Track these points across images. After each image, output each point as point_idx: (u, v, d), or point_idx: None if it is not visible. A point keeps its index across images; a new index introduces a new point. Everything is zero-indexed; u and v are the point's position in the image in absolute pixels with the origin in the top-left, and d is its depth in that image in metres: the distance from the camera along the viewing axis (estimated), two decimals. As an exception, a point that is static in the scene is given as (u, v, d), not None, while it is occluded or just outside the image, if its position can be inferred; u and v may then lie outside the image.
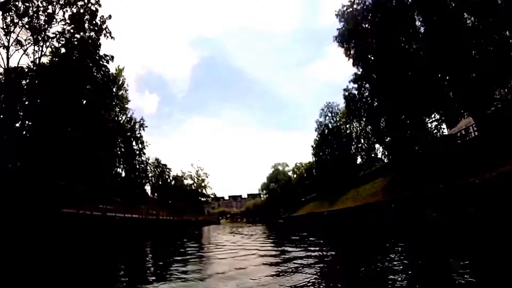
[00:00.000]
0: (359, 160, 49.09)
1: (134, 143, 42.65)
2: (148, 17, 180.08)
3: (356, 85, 31.42)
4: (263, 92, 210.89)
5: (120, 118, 41.61)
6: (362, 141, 48.74)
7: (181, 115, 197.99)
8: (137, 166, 56.18)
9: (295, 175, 75.99)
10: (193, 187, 78.66)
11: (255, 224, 62.88)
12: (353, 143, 49.14)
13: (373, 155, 46.96)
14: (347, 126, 49.18)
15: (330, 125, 50.03)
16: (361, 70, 31.16)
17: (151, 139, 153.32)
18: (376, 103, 30.69)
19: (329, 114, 50.27)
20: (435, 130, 27.46)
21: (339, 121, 49.88)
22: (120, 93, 41.06)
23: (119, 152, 41.48)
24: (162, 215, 41.60)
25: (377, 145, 48.11)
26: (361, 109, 31.62)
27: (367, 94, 31.51)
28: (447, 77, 25.01)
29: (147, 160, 62.33)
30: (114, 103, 39.43)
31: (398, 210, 20.35)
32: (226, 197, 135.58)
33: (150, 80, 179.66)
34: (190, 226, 49.52)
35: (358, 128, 49.04)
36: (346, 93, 32.49)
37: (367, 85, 30.97)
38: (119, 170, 50.76)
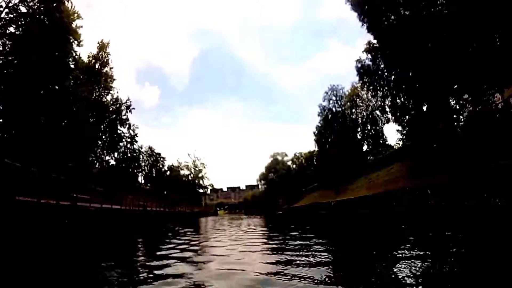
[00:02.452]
0: (365, 147, 44.09)
1: (119, 126, 37.16)
2: (149, 11, 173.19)
3: (370, 55, 26.14)
4: (263, 84, 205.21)
5: (104, 99, 36.18)
6: (369, 126, 43.61)
7: (181, 107, 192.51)
8: (129, 154, 51.09)
9: (294, 165, 70.82)
10: (190, 178, 73.42)
11: (253, 216, 58.00)
12: (359, 129, 43.99)
13: (381, 141, 41.96)
14: (353, 110, 43.94)
15: (334, 109, 44.73)
16: (376, 37, 25.92)
17: (151, 131, 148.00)
18: (393, 76, 25.53)
19: (333, 98, 44.97)
20: (466, 106, 22.33)
21: (344, 105, 44.59)
22: (104, 70, 35.63)
23: (102, 136, 36.17)
24: (151, 206, 36.52)
25: (385, 131, 43.20)
26: (375, 82, 26.35)
27: (382, 66, 26.26)
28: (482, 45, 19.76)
29: (140, 148, 57.08)
30: (96, 79, 34.12)
31: (436, 196, 15.30)
32: (225, 189, 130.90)
33: (150, 73, 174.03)
34: (182, 218, 44.47)
35: (365, 113, 43.92)
36: (359, 65, 27.20)
37: (383, 56, 25.67)
38: (107, 158, 45.93)
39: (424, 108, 24.92)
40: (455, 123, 21.97)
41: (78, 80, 32.95)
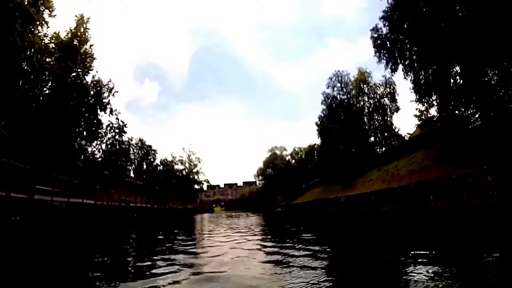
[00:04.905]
0: (372, 138, 39.45)
1: (100, 111, 32.09)
2: (147, 7, 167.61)
3: (387, 23, 21.49)
4: (262, 82, 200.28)
5: (84, 81, 31.24)
6: (377, 116, 39.00)
7: (179, 104, 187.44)
8: (117, 146, 46.29)
9: (293, 160, 66.12)
10: (184, 173, 68.50)
11: (250, 214, 53.45)
12: (366, 118, 39.34)
13: (391, 131, 37.44)
14: (359, 98, 39.30)
15: (339, 97, 40.06)
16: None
17: (149, 128, 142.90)
18: (415, 47, 20.92)
19: (338, 85, 40.25)
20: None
21: (350, 93, 39.94)
22: (83, 48, 30.76)
23: (82, 123, 31.32)
24: (135, 201, 31.88)
25: (394, 121, 38.68)
26: (395, 53, 21.58)
27: (402, 37, 21.63)
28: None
29: (129, 140, 52.15)
30: (74, 56, 29.28)
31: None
32: (222, 185, 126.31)
33: (149, 70, 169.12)
34: (172, 215, 39.91)
35: (372, 101, 39.33)
36: (375, 35, 22.40)
37: (402, 23, 21.01)
38: (93, 150, 41.35)
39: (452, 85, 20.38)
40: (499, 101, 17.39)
41: (52, 57, 28.32)
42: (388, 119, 38.50)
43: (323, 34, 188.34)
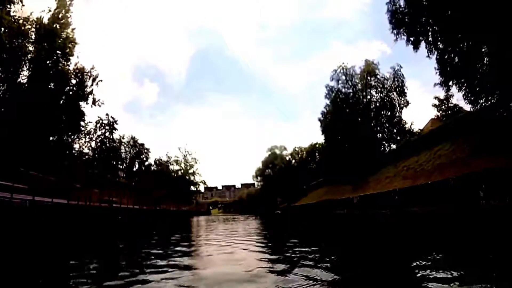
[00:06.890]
0: (379, 134, 36.35)
1: (81, 101, 28.68)
2: (146, 8, 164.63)
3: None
4: (261, 82, 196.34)
5: (66, 68, 27.91)
6: (385, 111, 35.90)
7: (178, 105, 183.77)
8: (107, 144, 43.14)
9: (294, 160, 62.81)
10: (180, 173, 65.18)
11: (248, 217, 50.18)
12: (372, 113, 36.27)
13: (402, 127, 34.43)
14: (366, 91, 36.26)
15: (344, 90, 37.00)
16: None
17: (149, 129, 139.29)
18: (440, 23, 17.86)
19: (343, 78, 37.21)
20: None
21: (355, 86, 36.89)
22: (64, 33, 27.58)
23: (62, 115, 28.00)
24: (121, 202, 28.42)
25: (404, 116, 35.68)
26: (415, 28, 18.46)
27: (426, 13, 18.53)
28: None
29: (121, 138, 48.74)
30: (52, 39, 26.12)
31: None
32: (220, 187, 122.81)
33: (148, 71, 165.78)
34: (163, 219, 36.55)
35: (380, 95, 36.30)
36: (393, 8, 19.26)
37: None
38: (81, 147, 38.35)
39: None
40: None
41: (28, 40, 25.20)
42: (397, 114, 35.56)
43: (323, 35, 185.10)
